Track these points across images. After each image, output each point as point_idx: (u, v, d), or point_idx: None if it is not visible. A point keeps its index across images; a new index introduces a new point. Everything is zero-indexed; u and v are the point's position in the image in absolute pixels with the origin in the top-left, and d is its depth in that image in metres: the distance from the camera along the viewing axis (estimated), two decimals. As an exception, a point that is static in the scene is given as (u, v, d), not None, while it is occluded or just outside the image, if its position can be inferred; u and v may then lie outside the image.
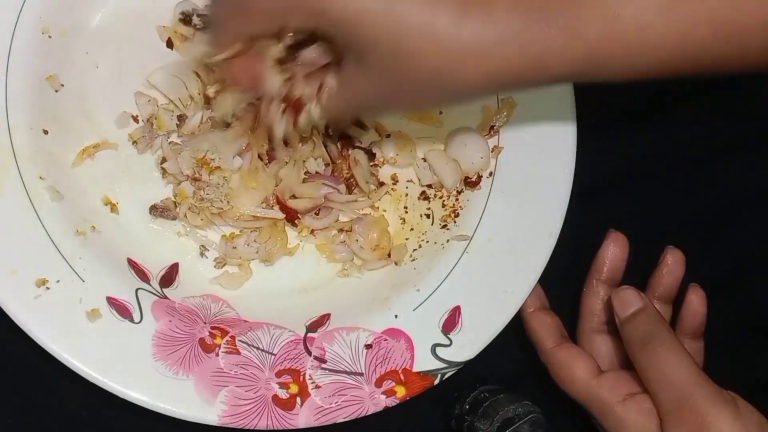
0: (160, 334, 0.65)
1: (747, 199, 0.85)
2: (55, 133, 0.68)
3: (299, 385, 0.67)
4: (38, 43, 0.67)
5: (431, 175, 0.74)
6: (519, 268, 0.71)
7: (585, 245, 0.77)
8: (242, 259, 0.71)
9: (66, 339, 0.63)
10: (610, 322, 0.72)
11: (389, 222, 0.74)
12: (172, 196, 0.70)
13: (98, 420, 0.70)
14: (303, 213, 0.71)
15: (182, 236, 0.71)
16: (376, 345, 0.69)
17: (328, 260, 0.73)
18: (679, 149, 0.84)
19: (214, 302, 0.69)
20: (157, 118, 0.69)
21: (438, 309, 0.70)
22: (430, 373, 0.68)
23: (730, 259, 0.84)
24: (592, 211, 0.79)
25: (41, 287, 0.63)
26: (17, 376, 0.69)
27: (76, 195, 0.68)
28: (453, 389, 0.72)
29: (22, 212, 0.64)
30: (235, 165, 0.68)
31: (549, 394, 0.72)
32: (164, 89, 0.70)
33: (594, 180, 0.78)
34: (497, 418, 0.69)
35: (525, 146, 0.73)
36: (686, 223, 0.83)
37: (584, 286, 0.74)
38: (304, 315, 0.70)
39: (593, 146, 0.75)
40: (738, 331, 0.82)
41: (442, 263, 0.72)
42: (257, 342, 0.68)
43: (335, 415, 0.66)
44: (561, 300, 0.77)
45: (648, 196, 0.83)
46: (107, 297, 0.65)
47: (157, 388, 0.64)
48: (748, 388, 0.80)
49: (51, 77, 0.68)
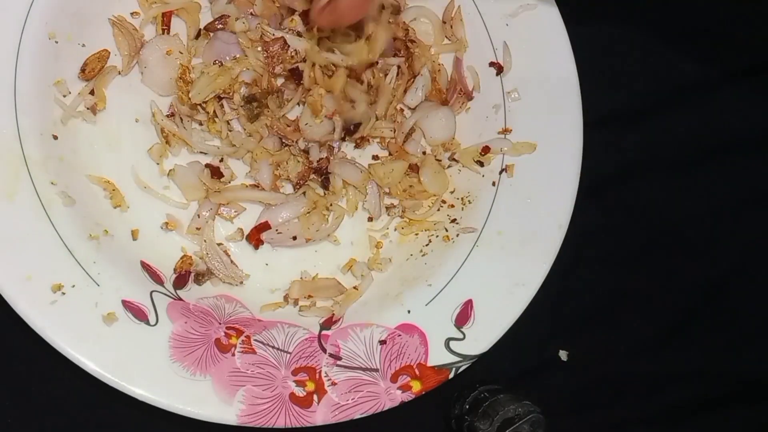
0: (177, 336, 0.66)
1: (747, 199, 0.85)
2: (65, 139, 0.68)
3: (315, 382, 0.67)
4: (45, 48, 0.67)
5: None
6: (529, 260, 0.72)
7: (590, 241, 0.78)
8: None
9: (83, 344, 0.63)
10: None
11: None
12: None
13: (98, 419, 0.70)
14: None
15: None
16: (390, 340, 0.69)
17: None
18: (679, 149, 0.84)
19: (227, 302, 0.70)
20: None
21: (450, 303, 0.71)
22: (444, 367, 0.69)
23: (729, 259, 0.84)
24: (594, 209, 0.79)
25: (57, 292, 0.63)
26: (17, 376, 0.69)
27: (88, 199, 0.68)
28: (453, 389, 0.72)
29: (35, 218, 0.64)
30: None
31: (549, 394, 0.72)
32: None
33: (596, 179, 0.79)
34: (497, 418, 0.69)
35: (534, 139, 0.74)
36: (686, 223, 0.84)
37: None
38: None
39: (596, 145, 0.75)
40: (738, 331, 0.83)
41: (453, 257, 0.72)
42: (272, 341, 0.68)
43: (352, 412, 0.67)
44: (566, 292, 0.77)
45: (649, 195, 0.84)
46: (122, 300, 0.65)
47: (176, 390, 0.64)
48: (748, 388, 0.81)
49: (59, 82, 0.68)
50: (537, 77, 0.74)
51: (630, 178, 0.83)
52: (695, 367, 0.81)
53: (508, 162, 0.74)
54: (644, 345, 0.81)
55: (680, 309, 0.82)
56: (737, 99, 0.85)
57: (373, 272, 0.73)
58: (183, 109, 0.71)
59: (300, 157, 0.73)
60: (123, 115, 0.71)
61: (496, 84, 0.75)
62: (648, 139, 0.83)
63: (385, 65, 0.73)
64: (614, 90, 0.83)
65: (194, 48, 0.72)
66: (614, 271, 0.81)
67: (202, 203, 0.71)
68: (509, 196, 0.73)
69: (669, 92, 0.84)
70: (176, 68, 0.71)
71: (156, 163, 0.71)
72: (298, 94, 0.71)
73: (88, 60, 0.70)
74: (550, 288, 0.72)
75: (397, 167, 0.74)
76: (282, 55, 0.70)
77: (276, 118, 0.71)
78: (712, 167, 0.85)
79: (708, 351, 0.81)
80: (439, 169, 0.75)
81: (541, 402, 0.70)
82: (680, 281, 0.82)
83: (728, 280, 0.84)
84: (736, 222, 0.85)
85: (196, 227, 0.71)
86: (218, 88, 0.70)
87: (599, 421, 0.79)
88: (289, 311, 0.71)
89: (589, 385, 0.79)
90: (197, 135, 0.71)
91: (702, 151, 0.84)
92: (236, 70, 0.70)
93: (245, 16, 0.72)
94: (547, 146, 0.73)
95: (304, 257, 0.73)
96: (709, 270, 0.83)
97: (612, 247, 0.81)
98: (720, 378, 0.81)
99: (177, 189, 0.71)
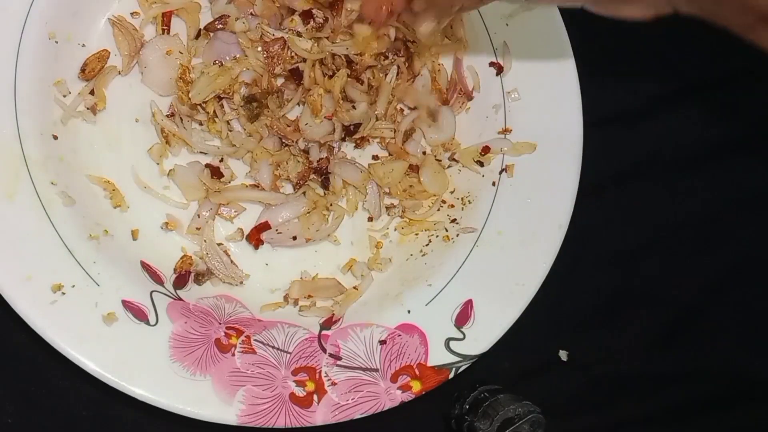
0: (177, 336, 0.66)
1: (747, 200, 0.85)
2: (65, 139, 0.68)
3: (315, 382, 0.67)
4: (45, 48, 0.67)
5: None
6: (529, 260, 0.72)
7: (590, 241, 0.78)
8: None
9: (83, 344, 0.63)
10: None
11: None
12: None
13: (99, 419, 0.70)
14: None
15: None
16: (390, 340, 0.69)
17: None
18: (679, 149, 0.84)
19: (227, 302, 0.70)
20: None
21: (450, 303, 0.71)
22: (444, 367, 0.69)
23: (730, 259, 0.84)
24: (594, 209, 0.79)
25: (57, 292, 0.64)
26: (17, 376, 0.69)
27: (88, 199, 0.68)
28: (453, 389, 0.72)
29: (35, 218, 0.64)
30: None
31: (549, 394, 0.72)
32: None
33: (596, 179, 0.79)
34: (497, 418, 0.69)
35: (534, 139, 0.74)
36: (686, 223, 0.84)
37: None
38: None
39: (596, 145, 0.75)
40: (738, 331, 0.83)
41: (453, 257, 0.72)
42: (272, 341, 0.68)
43: (352, 412, 0.67)
44: (566, 292, 0.77)
45: (649, 195, 0.84)
46: (123, 300, 0.65)
47: (176, 390, 0.64)
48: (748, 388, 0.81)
49: (59, 82, 0.68)
50: (537, 77, 0.74)
51: (630, 178, 0.83)
52: (695, 367, 0.81)
53: (508, 162, 0.74)
54: (644, 345, 0.81)
55: (680, 309, 0.82)
56: (737, 99, 0.85)
57: (373, 272, 0.73)
58: (183, 109, 0.71)
59: (300, 157, 0.73)
60: (123, 115, 0.71)
61: (496, 84, 0.75)
62: (648, 139, 0.83)
63: (385, 65, 0.73)
64: (614, 90, 0.83)
65: (194, 48, 0.72)
66: (614, 271, 0.81)
67: (202, 203, 0.71)
68: (509, 196, 0.73)
69: (669, 92, 0.84)
70: (176, 68, 0.71)
71: (156, 163, 0.71)
72: (298, 94, 0.71)
73: (88, 60, 0.70)
74: (550, 288, 0.72)
75: (397, 167, 0.74)
76: (282, 55, 0.70)
77: (276, 118, 0.71)
78: (712, 167, 0.84)
79: (708, 351, 0.81)
80: (439, 169, 0.75)
81: (541, 402, 0.70)
82: (680, 281, 0.82)
83: (728, 280, 0.83)
84: (736, 222, 0.85)
85: (196, 227, 0.71)
86: (218, 88, 0.70)
87: (599, 421, 0.79)
88: (289, 311, 0.71)
89: (589, 385, 0.79)
90: (197, 135, 0.71)
91: (702, 151, 0.84)
92: (236, 70, 0.70)
93: (245, 16, 0.72)
94: (547, 146, 0.73)
95: (304, 257, 0.73)
96: (709, 270, 0.83)
97: (612, 247, 0.81)
98: (720, 378, 0.81)
99: (177, 189, 0.71)
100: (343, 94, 0.72)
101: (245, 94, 0.70)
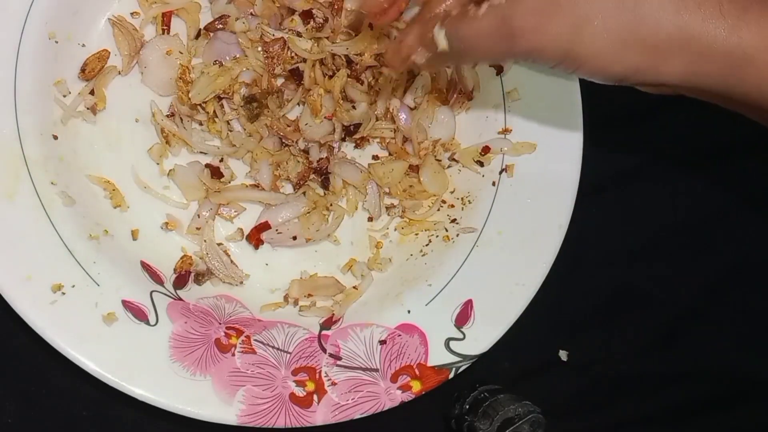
0: (177, 336, 0.66)
1: (747, 200, 0.85)
2: (65, 139, 0.68)
3: (315, 382, 0.67)
4: (45, 48, 0.67)
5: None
6: (529, 261, 0.72)
7: (590, 241, 0.78)
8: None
9: (83, 344, 0.63)
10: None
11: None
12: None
13: (99, 419, 0.70)
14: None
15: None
16: (390, 340, 0.69)
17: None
18: (679, 149, 0.84)
19: (227, 302, 0.70)
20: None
21: (450, 303, 0.71)
22: (444, 367, 0.69)
23: (729, 259, 0.84)
24: (594, 209, 0.79)
25: (57, 292, 0.64)
26: (17, 376, 0.69)
27: (88, 199, 0.68)
28: (453, 389, 0.72)
29: (35, 218, 0.64)
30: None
31: (549, 394, 0.72)
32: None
33: (596, 179, 0.79)
34: (497, 418, 0.69)
35: (534, 139, 0.74)
36: (686, 223, 0.84)
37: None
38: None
39: (596, 145, 0.75)
40: (738, 331, 0.83)
41: (453, 257, 0.72)
42: (272, 341, 0.68)
43: (352, 412, 0.67)
44: (566, 292, 0.77)
45: (649, 195, 0.84)
46: (122, 300, 0.65)
47: (176, 390, 0.64)
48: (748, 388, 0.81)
49: (59, 82, 0.68)
50: (537, 77, 0.74)
51: (630, 178, 0.83)
52: (695, 367, 0.81)
53: (508, 162, 0.74)
54: (644, 345, 0.81)
55: (680, 309, 0.82)
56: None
57: (373, 272, 0.73)
58: (183, 109, 0.71)
59: (300, 157, 0.73)
60: (123, 115, 0.71)
61: (496, 84, 0.75)
62: (648, 140, 0.83)
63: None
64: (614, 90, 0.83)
65: (194, 48, 0.72)
66: (614, 271, 0.81)
67: (202, 203, 0.71)
68: (509, 196, 0.73)
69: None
70: (176, 68, 0.71)
71: (156, 163, 0.71)
72: (298, 94, 0.72)
73: (88, 60, 0.70)
74: (550, 288, 0.72)
75: (397, 167, 0.74)
76: (282, 55, 0.70)
77: (276, 118, 0.72)
78: (712, 168, 0.85)
79: (708, 351, 0.81)
80: (439, 169, 0.75)
81: (541, 402, 0.70)
82: (680, 281, 0.82)
83: (728, 280, 0.84)
84: (736, 222, 0.85)
85: (196, 227, 0.71)
86: (218, 88, 0.70)
87: (599, 421, 0.79)
88: (289, 311, 0.71)
89: (589, 385, 0.79)
90: (197, 135, 0.71)
91: (702, 151, 0.84)
92: (236, 70, 0.70)
93: (245, 16, 0.72)
94: (547, 146, 0.73)
95: (304, 257, 0.73)
96: (709, 270, 0.83)
97: (612, 247, 0.81)
98: (720, 378, 0.81)
99: (177, 189, 0.71)
100: (343, 94, 0.72)
101: (245, 94, 0.70)
